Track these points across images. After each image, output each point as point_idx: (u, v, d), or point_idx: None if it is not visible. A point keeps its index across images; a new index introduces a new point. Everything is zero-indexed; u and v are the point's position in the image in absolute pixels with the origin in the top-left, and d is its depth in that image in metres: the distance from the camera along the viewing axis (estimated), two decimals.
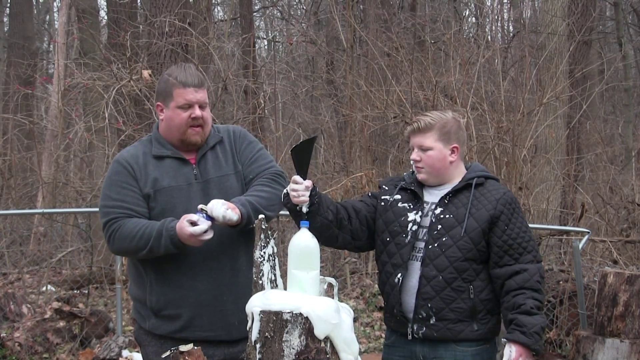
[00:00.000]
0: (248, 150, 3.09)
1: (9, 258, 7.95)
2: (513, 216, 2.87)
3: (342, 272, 7.51)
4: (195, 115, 2.94)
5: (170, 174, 2.96)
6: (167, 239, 2.80)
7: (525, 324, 2.75)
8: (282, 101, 10.57)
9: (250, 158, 3.08)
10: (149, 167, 2.96)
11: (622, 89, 15.80)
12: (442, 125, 2.92)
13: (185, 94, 2.94)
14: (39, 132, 9.99)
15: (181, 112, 2.95)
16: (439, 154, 2.93)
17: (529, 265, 2.82)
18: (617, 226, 8.43)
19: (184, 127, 2.95)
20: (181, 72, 2.99)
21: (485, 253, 2.87)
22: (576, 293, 5.63)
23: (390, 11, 11.55)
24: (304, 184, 2.78)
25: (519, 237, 2.84)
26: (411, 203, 2.99)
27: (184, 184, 2.96)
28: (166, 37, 8.89)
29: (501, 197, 2.88)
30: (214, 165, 3.02)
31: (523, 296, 2.78)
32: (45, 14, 22.17)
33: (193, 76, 2.98)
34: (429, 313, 2.86)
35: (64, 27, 11.18)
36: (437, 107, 8.09)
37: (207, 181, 2.98)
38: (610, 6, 17.06)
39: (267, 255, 2.69)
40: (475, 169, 3.03)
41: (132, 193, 2.92)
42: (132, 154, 3.01)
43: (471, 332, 2.87)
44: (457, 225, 2.86)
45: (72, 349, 5.77)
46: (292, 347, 2.48)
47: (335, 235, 2.97)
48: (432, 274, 2.85)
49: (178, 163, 2.99)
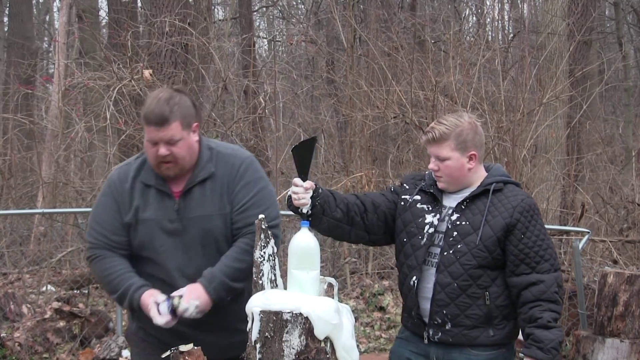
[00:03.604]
0: (242, 194, 2.87)
1: (9, 258, 7.95)
2: (531, 224, 2.80)
3: (342, 272, 7.51)
4: (159, 153, 2.77)
5: (153, 206, 2.87)
6: (129, 304, 2.84)
7: (542, 339, 2.71)
8: (282, 101, 10.56)
9: (242, 204, 2.86)
10: (135, 193, 2.88)
11: (622, 89, 15.80)
12: (457, 134, 2.83)
13: (149, 131, 2.77)
14: (39, 132, 9.98)
15: (150, 147, 2.80)
16: (456, 163, 2.85)
17: (546, 276, 2.77)
18: (617, 226, 8.43)
19: (154, 161, 2.82)
20: (149, 103, 2.78)
21: (501, 260, 2.82)
22: (576, 293, 5.63)
23: (390, 11, 11.55)
24: (304, 186, 2.77)
25: (536, 246, 2.79)
26: (430, 205, 2.94)
27: (163, 219, 2.86)
28: (166, 37, 8.90)
29: (518, 205, 2.81)
30: (199, 202, 2.86)
31: (539, 308, 2.74)
32: (45, 14, 22.17)
33: (155, 114, 2.74)
34: (444, 319, 2.84)
35: (64, 27, 11.17)
36: (437, 107, 8.10)
37: (188, 219, 2.86)
38: (610, 6, 17.06)
39: (267, 255, 2.69)
40: (496, 172, 2.95)
41: (112, 220, 2.89)
42: (122, 175, 2.92)
43: (487, 338, 2.84)
44: (472, 233, 2.81)
45: (72, 349, 5.77)
46: (292, 347, 2.48)
47: (347, 232, 2.95)
48: (446, 281, 2.82)
49: (161, 195, 2.87)
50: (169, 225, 2.86)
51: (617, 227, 8.36)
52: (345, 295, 7.05)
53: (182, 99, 2.80)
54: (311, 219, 2.80)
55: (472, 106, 8.19)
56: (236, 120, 8.92)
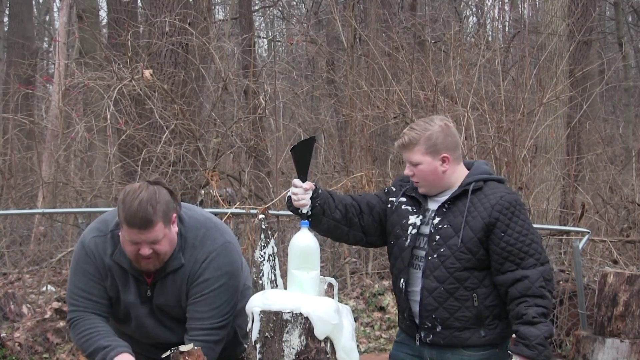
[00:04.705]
0: (198, 289, 2.85)
1: (9, 258, 7.93)
2: (512, 220, 2.77)
3: (342, 272, 7.50)
4: (141, 253, 2.71)
5: (129, 289, 2.88)
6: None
7: (527, 336, 2.70)
8: (282, 101, 10.55)
9: (195, 297, 2.85)
10: (114, 271, 2.87)
11: (622, 89, 15.79)
12: (427, 138, 2.83)
13: (130, 233, 2.69)
14: (39, 132, 9.97)
15: (130, 245, 2.73)
16: (429, 167, 2.84)
17: (530, 271, 2.74)
18: (617, 226, 8.43)
19: (133, 258, 2.77)
20: (129, 205, 2.66)
21: (487, 260, 2.81)
22: (576, 293, 5.63)
23: (390, 11, 11.55)
24: (303, 187, 2.77)
25: (519, 242, 2.76)
26: (414, 207, 2.94)
27: (138, 302, 2.90)
28: (166, 37, 8.90)
29: (497, 203, 2.78)
30: (163, 292, 2.88)
31: (525, 305, 2.72)
32: (45, 14, 22.17)
33: (140, 218, 2.64)
34: (434, 323, 2.84)
35: (64, 27, 11.17)
36: (437, 107, 8.10)
37: (155, 305, 2.91)
38: (610, 6, 17.06)
39: (267, 255, 2.70)
40: (476, 171, 2.92)
41: (98, 286, 2.89)
42: (99, 248, 2.87)
43: (478, 338, 2.83)
44: (454, 235, 2.80)
45: (72, 349, 5.77)
46: (292, 347, 2.48)
47: (345, 233, 2.96)
48: (433, 285, 2.81)
49: (136, 280, 2.88)
50: (145, 308, 2.91)
51: (617, 227, 8.36)
52: (345, 295, 7.04)
53: (160, 193, 2.71)
54: (311, 219, 2.80)
55: (472, 106, 8.18)
56: (236, 120, 8.91)
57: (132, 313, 2.92)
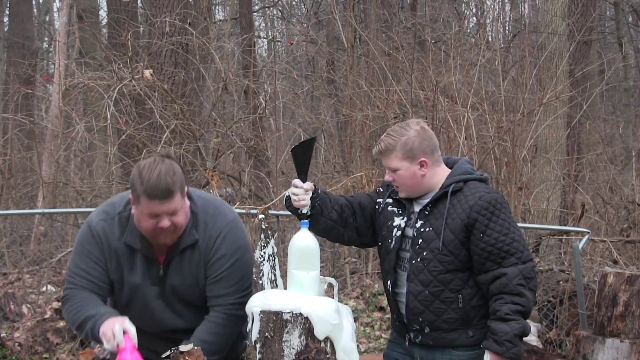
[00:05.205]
0: (216, 266, 2.86)
1: (9, 258, 7.94)
2: (491, 220, 2.75)
3: (342, 272, 7.51)
4: (161, 225, 2.71)
5: (138, 271, 2.87)
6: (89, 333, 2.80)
7: (497, 331, 2.70)
8: (282, 101, 10.55)
9: (214, 276, 2.86)
10: (121, 254, 2.86)
11: (622, 89, 15.80)
12: (403, 143, 2.82)
13: (150, 205, 2.68)
14: (39, 132, 9.98)
15: (148, 219, 2.72)
16: (407, 172, 2.84)
17: (509, 269, 2.72)
18: (617, 226, 8.43)
19: (152, 233, 2.75)
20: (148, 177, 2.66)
21: (469, 261, 2.80)
22: (576, 293, 5.63)
23: (390, 11, 11.55)
24: (303, 187, 2.78)
25: (499, 242, 2.74)
26: (400, 208, 2.95)
27: (149, 283, 2.88)
28: (167, 37, 8.90)
29: (475, 204, 2.76)
30: (178, 271, 2.87)
31: (501, 301, 2.71)
32: (45, 14, 22.17)
33: (161, 189, 2.66)
34: (421, 325, 2.85)
35: (64, 27, 11.17)
36: (437, 107, 8.10)
37: (169, 286, 2.88)
38: (610, 6, 17.07)
39: (267, 255, 2.70)
40: (457, 171, 2.90)
41: (100, 269, 2.86)
42: (107, 230, 2.86)
43: (467, 339, 2.83)
44: (436, 238, 2.79)
45: (72, 349, 5.77)
46: (292, 347, 2.48)
47: (341, 233, 2.97)
48: (418, 289, 2.81)
49: (147, 260, 2.86)
50: (154, 289, 2.88)
51: (617, 227, 8.36)
52: (345, 295, 7.04)
53: (175, 166, 2.74)
54: (311, 219, 2.81)
55: (472, 106, 8.19)
56: (236, 120, 8.92)
57: (137, 295, 2.89)
